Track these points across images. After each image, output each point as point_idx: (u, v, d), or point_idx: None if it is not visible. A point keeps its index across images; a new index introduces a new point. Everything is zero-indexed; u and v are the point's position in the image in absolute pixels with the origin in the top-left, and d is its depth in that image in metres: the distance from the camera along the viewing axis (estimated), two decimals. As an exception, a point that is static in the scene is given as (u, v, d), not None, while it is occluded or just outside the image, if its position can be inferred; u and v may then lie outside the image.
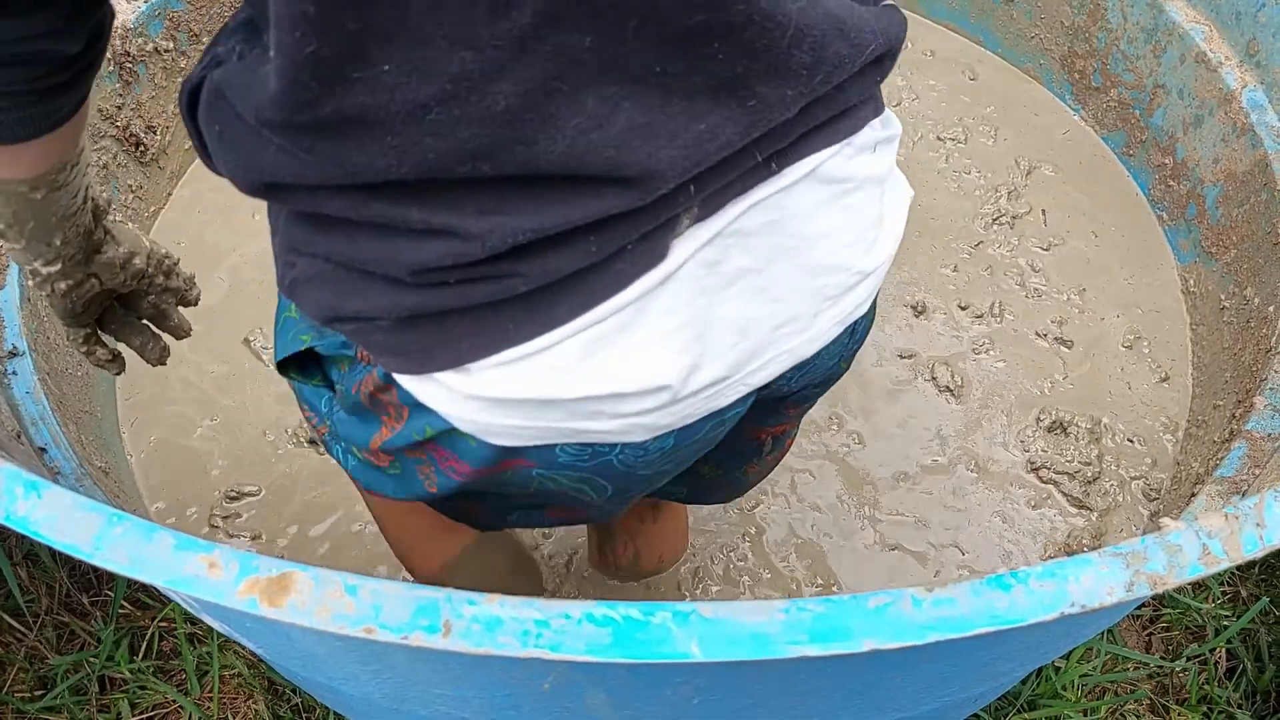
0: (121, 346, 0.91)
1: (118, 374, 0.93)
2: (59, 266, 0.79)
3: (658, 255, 0.56)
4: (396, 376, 0.62)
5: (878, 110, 0.63)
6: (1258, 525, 0.51)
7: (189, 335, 0.95)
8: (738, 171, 0.56)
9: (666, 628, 0.47)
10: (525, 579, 1.11)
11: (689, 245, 0.57)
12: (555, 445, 0.63)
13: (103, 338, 0.89)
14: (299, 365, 0.78)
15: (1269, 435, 0.96)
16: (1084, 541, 1.22)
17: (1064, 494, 1.26)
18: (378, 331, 0.59)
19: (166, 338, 0.94)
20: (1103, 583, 0.49)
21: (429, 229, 0.53)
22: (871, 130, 0.62)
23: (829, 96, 0.57)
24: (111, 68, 1.27)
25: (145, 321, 0.91)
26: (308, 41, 0.47)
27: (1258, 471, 0.92)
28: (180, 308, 0.93)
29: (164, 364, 0.93)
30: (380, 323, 0.59)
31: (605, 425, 0.61)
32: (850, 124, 0.60)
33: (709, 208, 0.57)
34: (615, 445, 0.64)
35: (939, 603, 0.48)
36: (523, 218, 0.52)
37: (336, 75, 0.48)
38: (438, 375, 0.60)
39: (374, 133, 0.50)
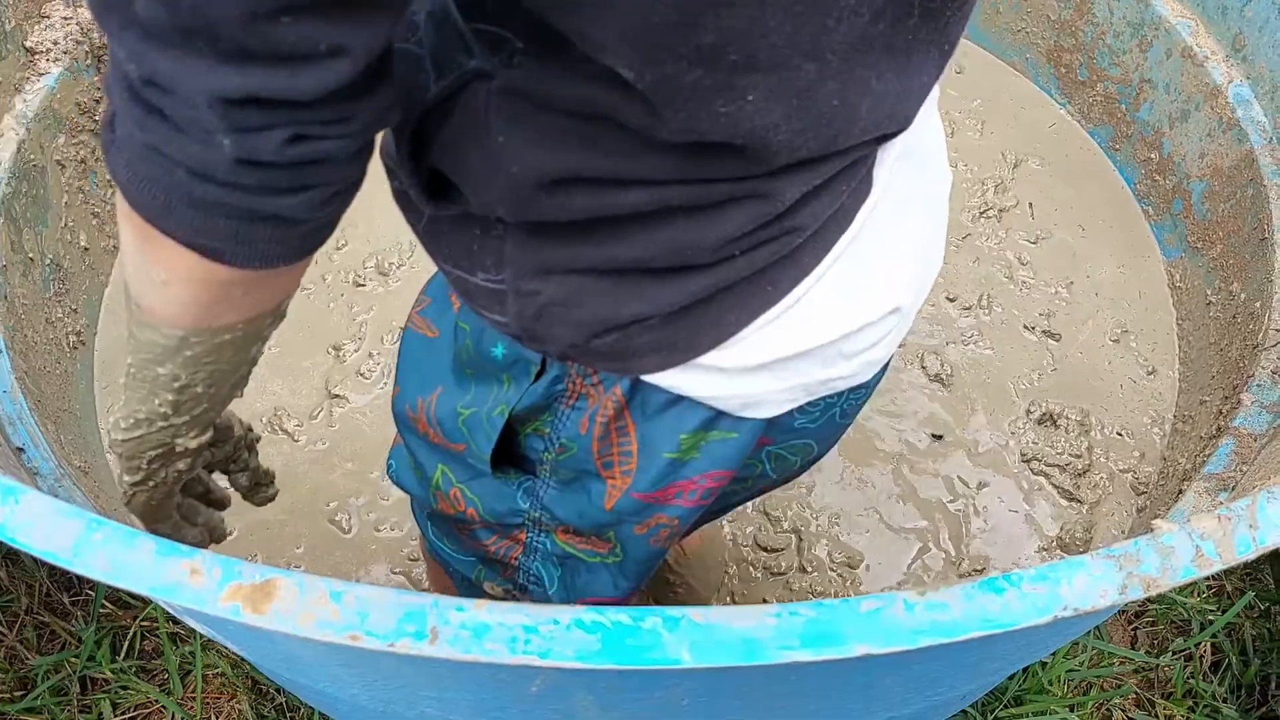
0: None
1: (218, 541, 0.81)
2: (211, 433, 0.67)
3: (867, 187, 0.58)
4: (653, 378, 0.60)
5: None
6: (1250, 527, 0.51)
7: (230, 505, 0.82)
8: None
9: (656, 633, 0.47)
10: None
11: (881, 173, 0.59)
12: (794, 409, 0.64)
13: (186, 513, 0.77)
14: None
15: (1255, 434, 0.96)
16: (1076, 534, 1.22)
17: (1055, 486, 1.26)
18: (646, 332, 0.57)
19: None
20: (1095, 585, 0.49)
21: (730, 198, 0.53)
22: None
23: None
24: (89, 61, 1.25)
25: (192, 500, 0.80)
26: (689, 70, 0.46)
27: (1245, 468, 0.92)
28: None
29: (221, 541, 0.80)
30: (651, 321, 0.57)
31: (843, 369, 0.62)
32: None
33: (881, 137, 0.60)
34: (843, 394, 0.65)
35: (931, 607, 0.48)
36: (809, 170, 0.54)
37: (705, 109, 0.48)
38: (701, 359, 0.59)
39: (723, 154, 0.51)
